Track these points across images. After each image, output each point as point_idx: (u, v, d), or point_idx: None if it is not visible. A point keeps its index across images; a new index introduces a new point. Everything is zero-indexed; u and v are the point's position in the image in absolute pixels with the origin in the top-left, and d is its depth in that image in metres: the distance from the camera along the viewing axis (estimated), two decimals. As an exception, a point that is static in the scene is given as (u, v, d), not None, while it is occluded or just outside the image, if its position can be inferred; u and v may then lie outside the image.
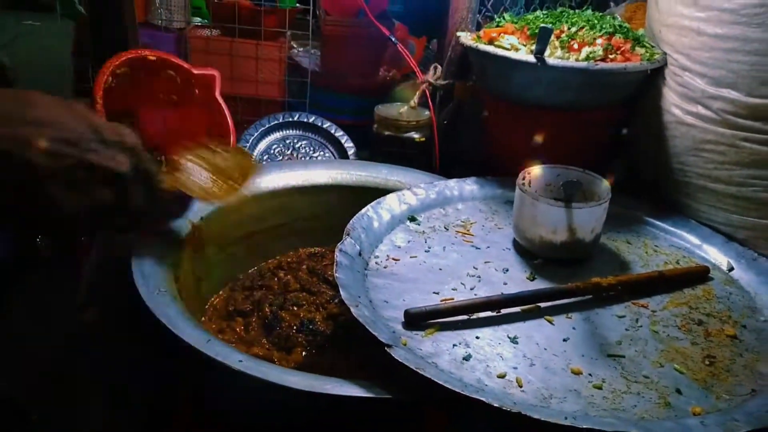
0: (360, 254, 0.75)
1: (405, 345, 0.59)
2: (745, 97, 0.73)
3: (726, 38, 0.73)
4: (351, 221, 0.79)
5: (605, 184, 0.78)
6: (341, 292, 0.62)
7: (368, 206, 0.84)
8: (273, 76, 1.62)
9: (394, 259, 0.77)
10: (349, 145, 1.12)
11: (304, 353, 0.78)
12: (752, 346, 0.63)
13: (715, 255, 0.79)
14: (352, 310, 0.59)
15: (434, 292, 0.70)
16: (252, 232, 0.94)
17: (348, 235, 0.76)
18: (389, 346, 0.56)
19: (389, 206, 0.86)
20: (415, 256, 0.77)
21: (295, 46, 1.78)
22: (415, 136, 1.07)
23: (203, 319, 0.84)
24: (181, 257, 0.78)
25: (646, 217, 0.88)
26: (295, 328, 0.83)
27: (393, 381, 0.55)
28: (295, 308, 0.87)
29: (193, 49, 1.60)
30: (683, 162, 0.82)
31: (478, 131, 1.08)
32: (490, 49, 0.91)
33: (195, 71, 0.88)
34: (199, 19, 1.81)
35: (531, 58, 0.86)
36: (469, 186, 0.94)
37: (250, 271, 0.94)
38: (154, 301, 0.63)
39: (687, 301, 0.70)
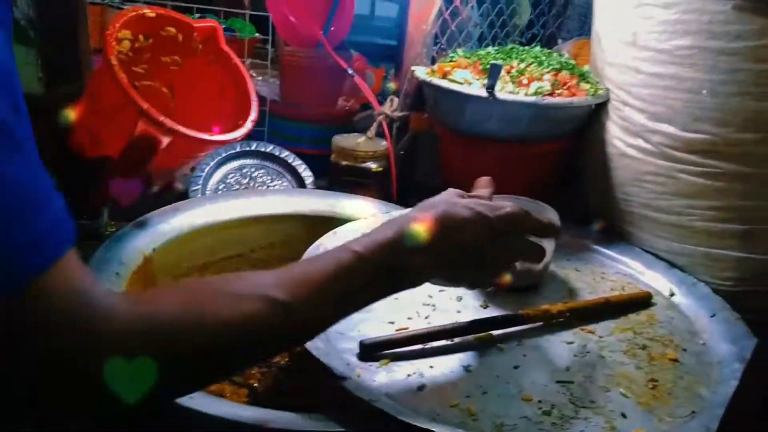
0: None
1: (359, 377, 0.59)
2: (681, 131, 0.78)
3: (662, 77, 0.78)
4: (307, 251, 0.79)
5: (554, 213, 0.81)
6: (295, 324, 0.62)
7: (324, 236, 0.84)
8: (231, 104, 1.62)
9: (349, 289, 0.77)
10: (307, 174, 1.12)
11: (256, 385, 0.77)
12: (692, 369, 0.66)
13: (658, 281, 0.83)
14: (306, 343, 0.58)
15: (389, 322, 0.71)
16: (206, 263, 0.92)
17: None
18: (343, 378, 0.56)
19: (345, 236, 0.85)
20: (371, 286, 0.78)
21: (254, 74, 1.78)
22: (373, 165, 1.09)
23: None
24: (131, 288, 0.76)
25: (594, 245, 0.91)
26: (249, 360, 0.82)
27: (348, 414, 0.55)
28: (251, 340, 0.86)
29: (149, 77, 1.58)
30: (626, 192, 0.86)
31: (433, 162, 1.10)
32: (444, 83, 0.94)
33: (195, 24, 0.80)
34: (156, 47, 1.80)
35: (483, 93, 0.89)
36: (424, 215, 0.95)
37: (205, 302, 0.93)
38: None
39: (632, 327, 0.73)
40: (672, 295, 0.80)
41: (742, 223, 0.76)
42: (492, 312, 0.75)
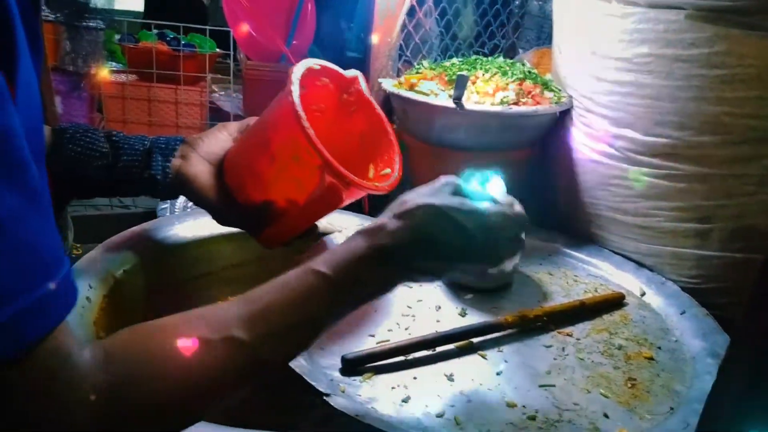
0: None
1: (343, 392, 0.59)
2: (643, 136, 0.80)
3: (623, 84, 0.81)
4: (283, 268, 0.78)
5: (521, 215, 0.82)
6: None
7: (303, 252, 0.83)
8: (194, 120, 1.60)
9: (327, 303, 0.76)
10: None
11: (234, 405, 0.76)
12: (667, 366, 0.68)
13: (629, 281, 0.85)
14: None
15: (370, 335, 0.70)
16: (178, 281, 0.90)
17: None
18: (327, 395, 0.55)
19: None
20: (349, 299, 0.77)
21: (216, 90, 1.76)
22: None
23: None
24: (99, 314, 0.74)
25: (564, 249, 0.93)
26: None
27: (334, 430, 0.54)
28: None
29: (107, 95, 1.55)
30: (593, 196, 0.89)
31: (404, 172, 1.11)
32: (411, 95, 0.95)
33: (344, 74, 0.76)
34: (113, 63, 1.76)
35: (451, 104, 0.90)
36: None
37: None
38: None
39: (607, 327, 0.75)
40: (643, 294, 0.82)
41: (703, 222, 0.80)
42: (470, 319, 0.75)
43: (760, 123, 0.72)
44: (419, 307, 0.77)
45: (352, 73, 0.77)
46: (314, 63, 0.72)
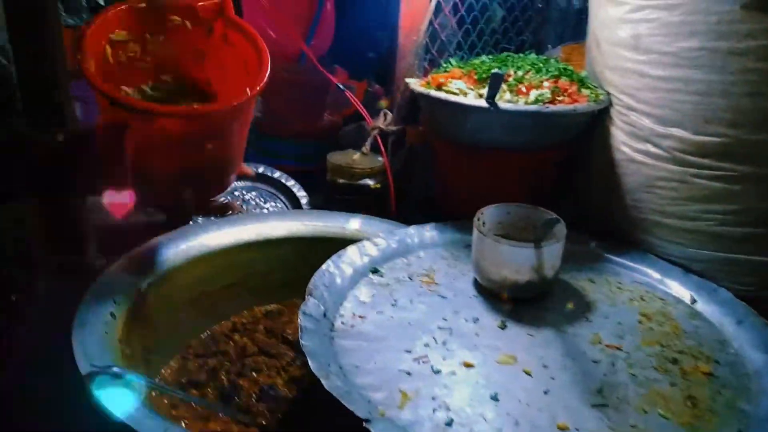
0: (325, 315, 0.71)
1: (383, 416, 0.55)
2: (692, 135, 0.75)
3: (669, 79, 0.76)
4: (312, 279, 0.75)
5: (559, 221, 0.78)
6: (310, 362, 0.57)
7: (328, 261, 0.80)
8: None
9: (360, 316, 0.73)
10: (301, 194, 1.08)
11: (265, 423, 0.73)
12: (729, 382, 0.63)
13: (677, 288, 0.80)
14: (324, 383, 0.54)
15: (406, 351, 0.67)
16: (203, 293, 0.88)
17: (310, 295, 0.72)
18: (368, 421, 0.52)
19: (350, 259, 0.83)
20: (382, 312, 0.74)
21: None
22: (370, 182, 1.05)
23: (152, 394, 0.77)
24: (127, 328, 0.71)
25: (605, 254, 0.88)
26: (254, 396, 0.77)
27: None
28: (254, 374, 0.81)
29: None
30: (636, 199, 0.84)
31: (432, 175, 1.07)
32: (442, 95, 0.91)
33: (197, 4, 0.75)
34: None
35: (483, 103, 0.86)
36: (429, 233, 0.92)
37: (202, 336, 0.88)
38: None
39: (658, 339, 0.70)
40: (694, 302, 0.78)
41: (759, 226, 0.74)
42: (510, 332, 0.71)
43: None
44: (456, 320, 0.73)
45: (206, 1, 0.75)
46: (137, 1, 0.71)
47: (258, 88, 0.72)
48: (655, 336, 0.71)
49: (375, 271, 0.82)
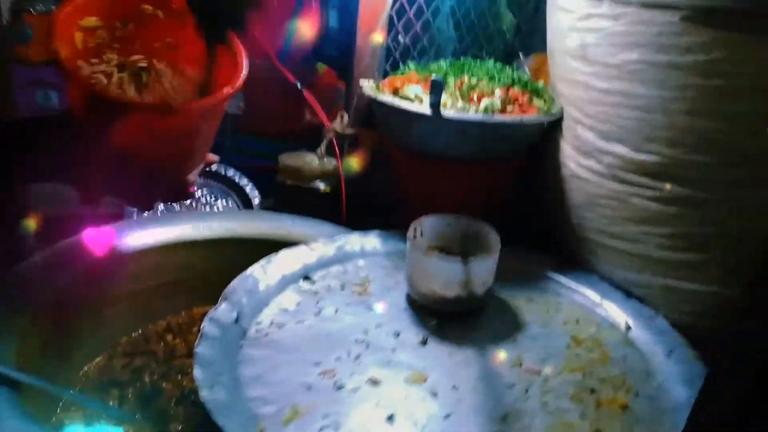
0: (237, 321, 0.68)
1: (262, 432, 0.53)
2: (633, 152, 0.72)
3: (612, 93, 0.73)
4: (232, 283, 0.73)
5: (495, 235, 0.75)
6: (195, 370, 0.55)
7: (256, 264, 0.78)
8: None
9: (278, 325, 0.71)
10: (254, 194, 1.06)
11: (180, 428, 0.71)
12: (643, 416, 0.60)
13: (615, 313, 0.77)
14: (201, 393, 0.52)
15: (315, 363, 0.64)
16: (137, 290, 0.86)
17: (225, 299, 0.70)
18: (238, 438, 0.49)
19: (282, 264, 0.80)
20: (303, 321, 0.71)
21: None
22: (321, 186, 1.03)
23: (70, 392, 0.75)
24: (39, 325, 0.69)
25: (550, 272, 0.85)
26: (174, 400, 0.75)
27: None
28: (179, 377, 0.79)
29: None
30: (581, 216, 0.81)
31: (387, 181, 1.04)
32: (389, 99, 0.88)
33: None
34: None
35: (427, 111, 0.83)
36: (372, 240, 0.89)
37: (134, 334, 0.86)
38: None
39: (583, 366, 0.67)
40: (629, 329, 0.74)
41: (698, 253, 0.71)
42: (431, 349, 0.68)
43: (762, 142, 0.63)
44: (377, 333, 0.70)
45: None
46: None
47: (231, 90, 0.71)
48: (580, 362, 0.67)
49: (306, 278, 0.80)
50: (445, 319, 0.73)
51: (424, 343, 0.70)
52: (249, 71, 1.51)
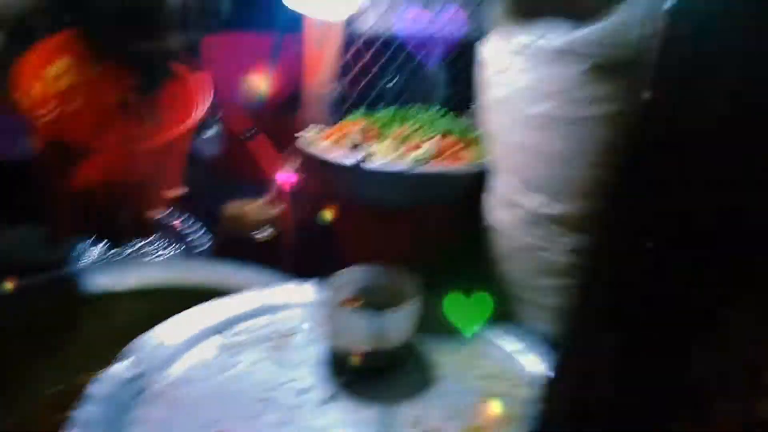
0: (141, 377, 0.68)
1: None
2: (544, 205, 0.70)
3: (524, 146, 0.72)
4: (142, 337, 0.73)
5: (412, 287, 0.73)
6: (67, 433, 0.55)
7: (175, 317, 0.78)
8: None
9: (187, 380, 0.70)
10: (200, 242, 1.06)
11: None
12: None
13: (536, 369, 0.74)
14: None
15: (206, 425, 0.63)
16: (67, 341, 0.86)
17: (124, 357, 0.69)
18: None
19: (203, 316, 0.80)
20: (210, 378, 0.70)
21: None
22: (264, 234, 1.03)
23: None
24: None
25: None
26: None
27: None
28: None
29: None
30: (503, 269, 0.79)
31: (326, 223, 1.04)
32: (315, 151, 0.88)
33: None
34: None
35: (351, 162, 0.83)
36: (307, 289, 0.89)
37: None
38: None
39: (486, 427, 0.64)
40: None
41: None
42: (335, 408, 0.66)
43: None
44: (283, 390, 0.69)
45: None
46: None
47: (185, 127, 0.73)
48: (485, 421, 0.65)
49: (229, 330, 0.79)
50: (358, 374, 0.71)
51: (330, 401, 0.68)
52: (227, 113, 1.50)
